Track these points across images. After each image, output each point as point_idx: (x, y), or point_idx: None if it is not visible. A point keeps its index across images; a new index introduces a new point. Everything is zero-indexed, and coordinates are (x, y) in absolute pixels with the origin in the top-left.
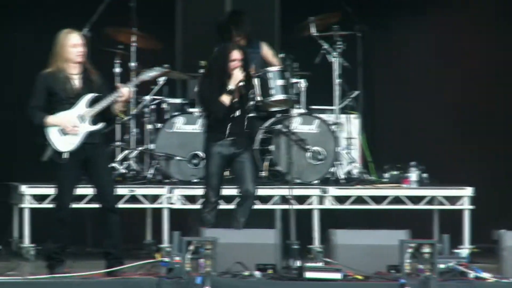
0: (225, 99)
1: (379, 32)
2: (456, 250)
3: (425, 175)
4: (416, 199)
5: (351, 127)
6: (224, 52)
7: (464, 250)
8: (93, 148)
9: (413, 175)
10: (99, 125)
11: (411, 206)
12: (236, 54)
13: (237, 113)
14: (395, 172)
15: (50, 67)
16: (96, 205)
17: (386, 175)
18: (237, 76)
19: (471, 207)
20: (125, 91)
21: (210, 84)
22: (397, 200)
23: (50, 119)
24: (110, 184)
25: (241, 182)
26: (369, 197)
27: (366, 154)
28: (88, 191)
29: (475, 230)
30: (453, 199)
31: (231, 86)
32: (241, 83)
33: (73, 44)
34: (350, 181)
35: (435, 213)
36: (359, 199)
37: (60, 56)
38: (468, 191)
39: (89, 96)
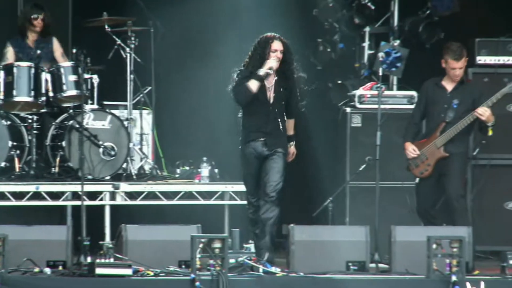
0: (252, 84)
1: (173, 28)
2: (246, 245)
3: (216, 170)
4: (207, 195)
5: (143, 122)
6: (265, 41)
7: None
8: None
9: (205, 170)
10: None
11: (202, 202)
12: (277, 45)
13: (272, 112)
14: (186, 168)
15: None
16: None
17: (178, 170)
18: (269, 63)
19: None
20: None
21: (244, 73)
22: (188, 195)
23: None
24: None
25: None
26: (161, 193)
27: (158, 150)
28: None
29: None
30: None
31: (261, 72)
32: (269, 71)
33: None
34: (142, 176)
35: (226, 208)
36: (151, 195)
37: None
38: None
39: None
